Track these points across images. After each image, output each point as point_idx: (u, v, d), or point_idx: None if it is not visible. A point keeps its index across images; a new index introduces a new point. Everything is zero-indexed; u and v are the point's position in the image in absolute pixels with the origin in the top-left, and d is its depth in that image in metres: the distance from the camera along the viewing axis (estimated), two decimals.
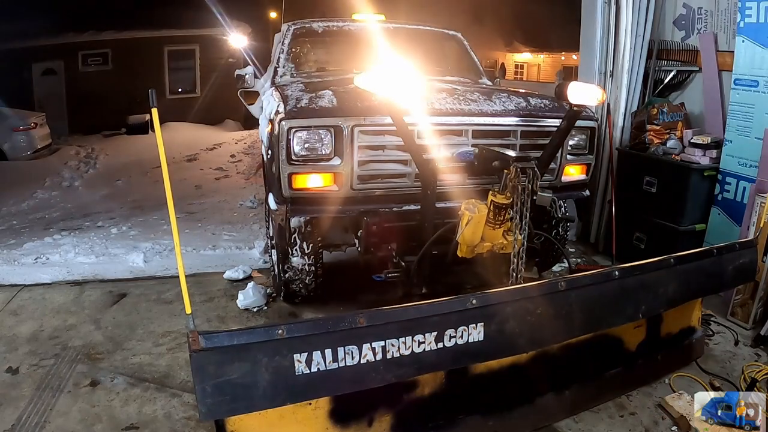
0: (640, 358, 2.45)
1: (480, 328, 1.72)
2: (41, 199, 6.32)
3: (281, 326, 1.50)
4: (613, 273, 2.04)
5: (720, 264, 2.32)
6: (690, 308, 2.61)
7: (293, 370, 1.47)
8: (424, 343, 1.63)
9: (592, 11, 4.16)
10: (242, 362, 1.43)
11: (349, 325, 1.56)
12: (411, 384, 1.92)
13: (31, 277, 3.60)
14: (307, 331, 1.53)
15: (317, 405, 1.77)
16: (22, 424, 2.12)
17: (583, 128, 3.07)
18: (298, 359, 1.47)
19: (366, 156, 2.66)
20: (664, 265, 2.14)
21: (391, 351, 1.59)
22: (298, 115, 2.56)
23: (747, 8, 3.18)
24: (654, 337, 2.49)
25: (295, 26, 4.20)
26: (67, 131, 12.27)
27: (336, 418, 1.81)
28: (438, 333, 1.65)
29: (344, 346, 1.53)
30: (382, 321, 1.61)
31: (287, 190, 2.63)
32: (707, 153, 3.51)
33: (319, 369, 1.50)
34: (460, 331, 1.69)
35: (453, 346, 1.68)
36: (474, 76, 4.32)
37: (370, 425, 1.88)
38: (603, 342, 2.31)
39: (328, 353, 1.50)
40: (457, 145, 2.77)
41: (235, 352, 1.43)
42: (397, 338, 1.59)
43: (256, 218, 5.10)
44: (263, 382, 1.45)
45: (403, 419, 1.93)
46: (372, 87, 2.14)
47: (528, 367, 2.13)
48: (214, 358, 1.41)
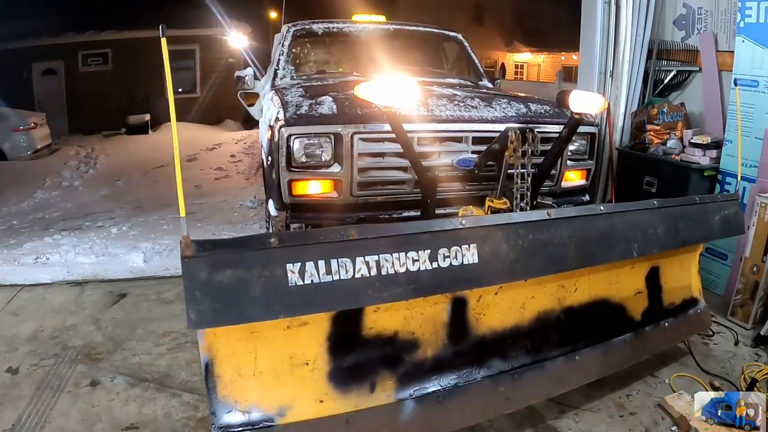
0: (647, 326, 2.51)
1: (473, 249, 1.73)
2: (41, 199, 6.31)
3: (273, 236, 1.49)
4: (598, 208, 2.16)
5: (705, 213, 2.46)
6: (689, 279, 2.73)
7: (286, 280, 1.44)
8: (418, 261, 1.62)
9: (592, 11, 4.16)
10: (234, 269, 1.40)
11: (342, 237, 1.54)
12: (411, 344, 1.88)
13: (31, 277, 3.59)
14: (300, 240, 1.52)
15: (314, 366, 1.72)
16: (22, 424, 2.12)
17: (584, 134, 3.08)
18: (291, 270, 1.45)
19: (366, 163, 2.66)
20: (648, 207, 2.26)
21: (385, 266, 1.57)
22: (298, 122, 2.56)
23: (747, 8, 3.18)
24: (657, 306, 2.56)
25: (295, 27, 4.20)
26: (67, 131, 12.30)
27: (336, 380, 1.76)
28: (432, 252, 1.65)
29: (338, 258, 1.50)
30: (373, 235, 1.60)
31: (287, 196, 2.63)
32: (707, 153, 3.51)
33: (312, 281, 1.47)
34: (453, 251, 1.69)
35: (448, 267, 1.67)
36: (474, 77, 4.33)
37: (372, 390, 1.81)
38: (606, 308, 2.38)
39: (321, 264, 1.48)
40: (457, 152, 2.78)
41: (227, 260, 1.41)
42: (391, 254, 1.58)
43: (256, 218, 5.11)
44: (256, 292, 1.42)
45: (406, 384, 1.87)
46: (372, 97, 2.15)
47: (532, 331, 2.15)
48: (206, 264, 1.39)
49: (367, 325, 1.79)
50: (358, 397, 1.78)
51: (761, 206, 2.95)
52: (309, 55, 4.24)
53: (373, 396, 1.81)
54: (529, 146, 2.46)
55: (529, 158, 2.49)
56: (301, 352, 1.70)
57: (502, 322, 2.09)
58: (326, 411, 1.72)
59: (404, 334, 1.87)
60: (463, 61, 4.56)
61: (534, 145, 2.47)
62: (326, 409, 1.72)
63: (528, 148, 2.46)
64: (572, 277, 2.20)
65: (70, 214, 5.49)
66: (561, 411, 2.25)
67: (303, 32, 4.18)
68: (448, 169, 2.77)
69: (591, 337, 2.35)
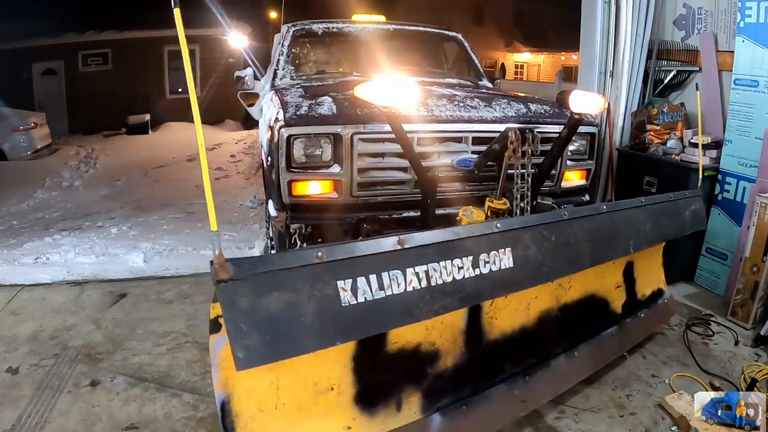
0: (627, 318, 2.64)
1: (508, 253, 1.72)
2: (41, 199, 6.31)
3: (320, 248, 1.32)
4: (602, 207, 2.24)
5: (677, 209, 2.63)
6: (656, 272, 2.92)
7: (339, 300, 1.30)
8: (463, 269, 1.58)
9: (592, 11, 4.16)
10: (281, 292, 1.23)
11: (390, 247, 1.44)
12: (433, 355, 1.84)
13: (31, 277, 3.59)
14: (349, 253, 1.36)
15: (340, 390, 1.61)
16: (22, 424, 2.12)
17: (584, 134, 3.08)
18: (343, 287, 1.31)
19: (365, 163, 2.66)
20: (637, 204, 2.38)
21: (434, 277, 1.50)
22: (297, 122, 2.56)
23: (747, 8, 3.18)
24: (633, 298, 2.71)
25: (294, 27, 4.20)
26: (67, 131, 12.30)
27: (362, 403, 1.66)
28: (474, 258, 1.61)
29: (389, 271, 1.40)
30: (421, 243, 1.52)
31: (287, 197, 2.63)
32: (707, 153, 3.51)
33: (366, 299, 1.34)
34: (492, 256, 1.66)
35: (489, 273, 1.65)
36: (474, 77, 4.33)
37: (398, 408, 1.74)
38: (594, 303, 2.48)
39: (374, 279, 1.36)
40: (457, 152, 2.78)
41: (271, 281, 1.23)
42: (438, 262, 1.52)
43: (256, 218, 5.11)
44: (308, 317, 1.25)
45: (431, 397, 1.82)
46: (372, 97, 2.15)
47: (537, 330, 2.17)
48: (248, 288, 1.20)
49: (391, 340, 1.71)
50: (385, 418, 1.71)
51: (761, 206, 2.94)
52: (309, 56, 4.24)
53: (400, 415, 1.74)
54: (529, 146, 2.47)
55: (529, 158, 2.49)
56: (325, 376, 1.60)
57: (512, 325, 2.10)
58: None
59: (426, 345, 1.81)
60: (462, 61, 4.56)
61: (534, 146, 2.47)
62: None
63: (528, 149, 2.47)
64: (567, 276, 2.23)
65: (70, 214, 5.49)
66: (561, 411, 2.25)
67: (303, 32, 4.18)
68: (448, 170, 2.77)
69: (584, 332, 2.42)
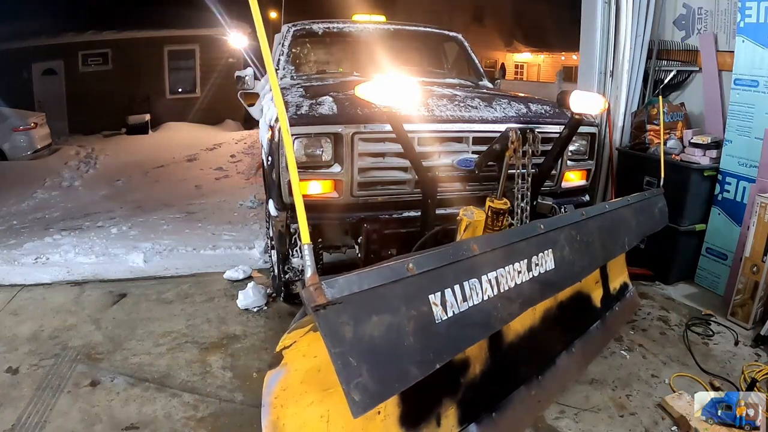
0: (606, 311, 2.75)
1: (550, 254, 1.74)
2: (41, 199, 6.32)
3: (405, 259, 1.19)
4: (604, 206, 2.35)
5: (650, 206, 2.83)
6: (621, 267, 3.10)
7: (432, 317, 1.18)
8: (521, 273, 1.57)
9: (592, 11, 4.16)
10: (381, 315, 1.05)
11: (467, 254, 1.37)
12: (464, 364, 1.82)
13: (31, 277, 3.59)
14: (435, 263, 1.25)
15: (386, 413, 1.51)
16: (22, 424, 2.12)
17: (584, 134, 3.08)
18: (434, 302, 1.20)
19: (366, 163, 2.66)
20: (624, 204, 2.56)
21: (502, 283, 1.47)
22: (298, 122, 2.56)
23: (747, 8, 3.18)
24: (608, 292, 2.83)
25: (295, 27, 4.20)
26: (67, 131, 12.28)
27: (407, 424, 1.57)
28: (527, 261, 1.61)
29: (468, 280, 1.33)
30: (490, 247, 1.47)
31: (287, 197, 2.63)
32: (707, 153, 3.51)
33: (454, 312, 1.25)
34: (540, 257, 1.68)
35: (538, 276, 1.66)
36: (474, 77, 4.33)
37: (438, 424, 1.68)
38: (580, 298, 2.56)
39: (458, 290, 1.28)
40: (457, 152, 2.78)
41: (370, 301, 1.05)
42: (504, 267, 1.49)
43: (256, 218, 5.11)
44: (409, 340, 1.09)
45: (466, 408, 1.80)
46: (372, 97, 2.15)
47: (542, 330, 2.19)
48: (350, 313, 1.00)
49: None
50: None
51: (761, 206, 2.94)
52: (309, 55, 4.24)
53: (440, 430, 1.69)
54: (529, 146, 2.47)
55: (529, 158, 2.49)
56: None
57: (523, 326, 2.11)
58: None
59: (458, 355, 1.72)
60: (463, 61, 4.56)
61: (534, 146, 2.48)
62: None
63: (528, 149, 2.47)
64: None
65: (70, 214, 5.50)
66: (561, 411, 2.25)
67: (303, 32, 4.18)
68: (449, 170, 2.77)
69: (577, 328, 2.49)
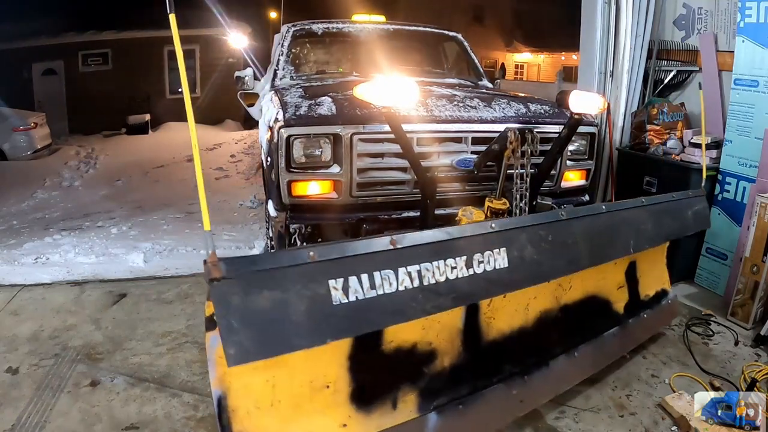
0: (629, 318, 2.63)
1: (503, 253, 1.72)
2: (41, 199, 6.32)
3: (312, 248, 1.38)
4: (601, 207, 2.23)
5: (680, 209, 2.60)
6: (660, 272, 2.88)
7: (330, 299, 1.33)
8: (456, 269, 1.59)
9: (592, 11, 4.16)
10: (272, 291, 1.27)
11: (383, 247, 1.47)
12: (430, 355, 1.86)
13: (31, 277, 3.59)
14: (341, 253, 1.41)
15: (336, 388, 1.64)
16: (22, 424, 2.12)
17: (584, 134, 3.08)
18: (334, 286, 1.35)
19: (365, 163, 2.66)
20: (637, 204, 2.37)
21: (426, 277, 1.52)
22: (297, 123, 2.56)
23: (747, 8, 3.18)
24: (636, 298, 2.69)
25: (294, 28, 4.20)
26: (67, 131, 12.31)
27: (358, 401, 1.68)
28: (467, 258, 1.62)
29: (380, 270, 1.43)
30: (413, 243, 1.54)
31: (287, 197, 2.64)
32: (707, 153, 3.51)
33: (357, 298, 1.38)
34: (486, 255, 1.67)
35: (483, 273, 1.65)
36: (474, 77, 4.33)
37: (395, 407, 1.76)
38: (595, 304, 2.47)
39: (365, 279, 1.40)
40: (456, 153, 2.78)
41: (262, 280, 1.28)
42: (431, 262, 1.54)
43: (256, 218, 5.11)
44: (299, 315, 1.29)
45: (427, 396, 1.83)
46: (371, 98, 2.15)
47: (536, 331, 2.17)
48: (239, 287, 1.25)
49: (387, 339, 1.74)
50: (381, 416, 1.73)
51: (761, 206, 2.94)
52: (308, 56, 4.24)
53: (396, 413, 1.76)
54: (528, 146, 2.47)
55: (528, 158, 2.49)
56: (321, 374, 1.63)
57: (510, 325, 2.10)
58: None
59: (422, 345, 1.83)
60: (462, 61, 4.56)
61: (533, 146, 2.47)
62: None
63: (527, 149, 2.47)
64: (567, 276, 2.22)
65: (70, 214, 5.50)
66: (561, 411, 2.25)
67: (303, 32, 4.18)
68: (448, 170, 2.77)
69: (585, 333, 2.41)
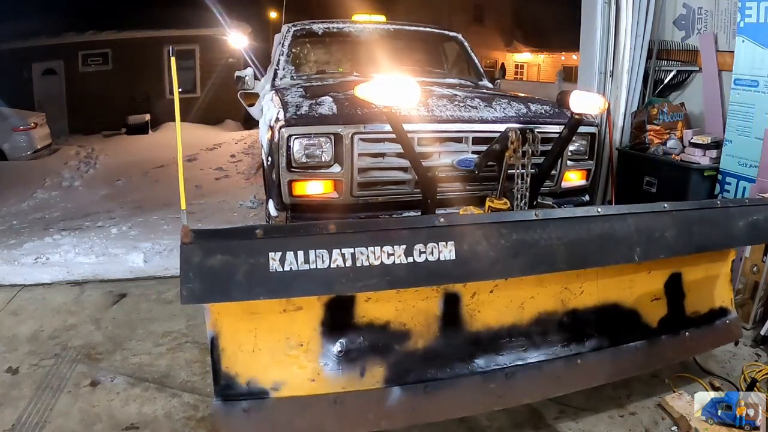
0: (663, 334, 2.39)
1: (451, 246, 1.76)
2: (41, 199, 6.32)
3: (261, 227, 1.67)
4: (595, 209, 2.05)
5: (726, 217, 2.23)
6: (720, 289, 2.53)
7: (268, 267, 1.60)
8: (393, 256, 1.70)
9: (592, 11, 4.16)
10: (223, 255, 1.59)
11: (321, 231, 1.68)
12: (402, 334, 1.95)
13: (31, 277, 3.59)
14: (283, 233, 1.70)
15: (308, 347, 1.85)
16: (22, 424, 2.12)
17: (584, 134, 3.08)
18: (273, 257, 1.60)
19: (366, 163, 2.67)
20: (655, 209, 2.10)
21: (360, 259, 1.67)
22: (298, 122, 2.57)
23: (747, 8, 3.18)
24: (677, 314, 2.42)
25: (295, 28, 4.20)
26: (67, 131, 12.30)
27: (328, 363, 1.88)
28: (407, 247, 1.72)
29: (315, 249, 1.65)
30: (351, 229, 1.71)
31: (287, 197, 2.64)
32: (707, 153, 3.51)
33: (291, 269, 1.61)
34: (430, 247, 1.74)
35: (424, 262, 1.73)
36: (474, 77, 4.33)
37: (362, 375, 1.91)
38: (616, 313, 2.29)
39: (300, 254, 1.62)
40: (457, 152, 2.78)
41: (218, 247, 1.60)
42: (366, 247, 1.68)
43: (256, 218, 5.11)
44: (240, 275, 1.59)
45: (396, 371, 1.95)
46: (372, 97, 2.15)
47: (531, 331, 2.13)
48: (200, 250, 1.57)
49: (359, 314, 1.89)
50: (347, 380, 1.90)
51: None
52: (309, 56, 4.24)
53: (362, 380, 1.91)
54: (529, 146, 2.47)
55: (529, 158, 2.49)
56: (296, 333, 1.85)
57: (498, 320, 2.08)
58: (317, 389, 1.86)
59: (396, 325, 1.95)
60: (463, 61, 4.56)
61: (534, 146, 2.48)
62: (317, 387, 1.86)
63: (528, 149, 2.47)
64: (577, 280, 2.17)
65: (70, 214, 5.50)
66: (561, 411, 2.26)
67: (303, 32, 4.18)
68: (449, 170, 2.77)
69: (598, 341, 2.25)
